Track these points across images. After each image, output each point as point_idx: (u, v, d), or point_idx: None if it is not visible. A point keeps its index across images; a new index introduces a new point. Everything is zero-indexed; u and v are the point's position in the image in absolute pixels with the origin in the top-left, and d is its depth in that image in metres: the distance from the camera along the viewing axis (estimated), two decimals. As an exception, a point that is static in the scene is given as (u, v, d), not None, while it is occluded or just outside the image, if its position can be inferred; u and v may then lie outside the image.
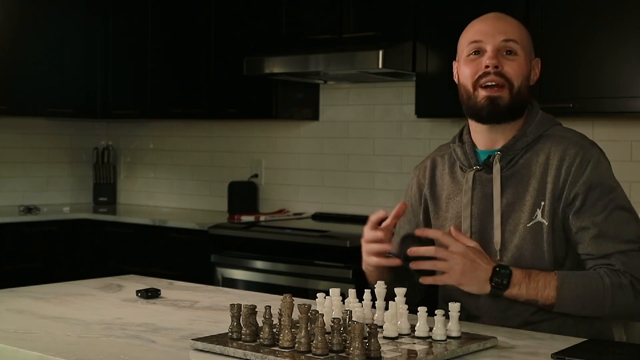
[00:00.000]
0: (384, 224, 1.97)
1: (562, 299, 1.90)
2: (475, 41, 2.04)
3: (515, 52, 2.03)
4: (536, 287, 1.90)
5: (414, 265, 1.88)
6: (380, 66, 3.91)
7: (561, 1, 3.59)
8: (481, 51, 2.03)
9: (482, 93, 2.02)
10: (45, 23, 5.12)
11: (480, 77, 2.02)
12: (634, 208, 2.00)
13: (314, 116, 4.82)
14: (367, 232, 2.00)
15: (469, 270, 1.87)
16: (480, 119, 2.06)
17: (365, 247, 2.01)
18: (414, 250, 1.88)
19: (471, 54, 2.05)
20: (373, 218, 1.99)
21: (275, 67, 4.34)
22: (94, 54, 5.36)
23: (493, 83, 2.01)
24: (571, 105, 3.54)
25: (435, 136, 4.33)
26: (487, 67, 2.01)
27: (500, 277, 1.88)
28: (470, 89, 2.04)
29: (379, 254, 1.98)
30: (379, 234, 1.97)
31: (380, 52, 3.90)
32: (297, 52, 4.29)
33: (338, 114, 4.76)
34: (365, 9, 4.19)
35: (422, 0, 3.99)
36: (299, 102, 4.75)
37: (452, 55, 2.18)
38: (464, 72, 2.06)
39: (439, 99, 3.92)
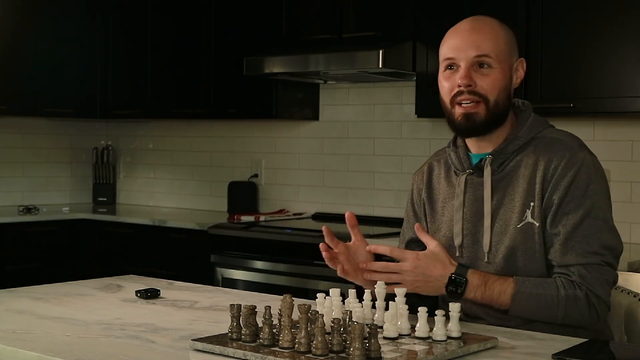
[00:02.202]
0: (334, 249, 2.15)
1: (515, 307, 1.94)
2: (448, 58, 2.05)
3: (489, 65, 2.02)
4: (491, 294, 1.95)
5: (367, 276, 1.96)
6: (380, 66, 3.91)
7: (561, 1, 3.58)
8: (455, 66, 2.04)
9: (458, 110, 2.04)
10: (45, 23, 5.12)
11: (456, 95, 2.03)
12: (611, 217, 1.99)
13: (314, 116, 4.82)
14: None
15: (420, 282, 1.95)
16: (459, 134, 2.10)
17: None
18: (369, 265, 1.97)
19: (447, 69, 2.06)
20: (321, 247, 2.17)
21: (275, 67, 4.34)
22: (94, 54, 5.36)
23: (468, 101, 2.02)
24: (571, 105, 3.53)
25: (435, 136, 4.33)
26: (459, 86, 2.02)
27: (455, 285, 1.95)
28: (448, 105, 2.06)
29: (344, 270, 2.09)
30: (326, 255, 2.16)
31: (380, 52, 3.90)
32: (297, 52, 4.29)
33: (338, 114, 4.76)
34: (365, 9, 4.19)
35: (422, 0, 3.99)
36: (299, 102, 4.75)
37: (452, 55, 2.18)
38: (442, 86, 2.08)
39: (439, 99, 3.91)
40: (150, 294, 2.28)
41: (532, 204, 1.99)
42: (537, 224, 1.98)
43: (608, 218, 1.98)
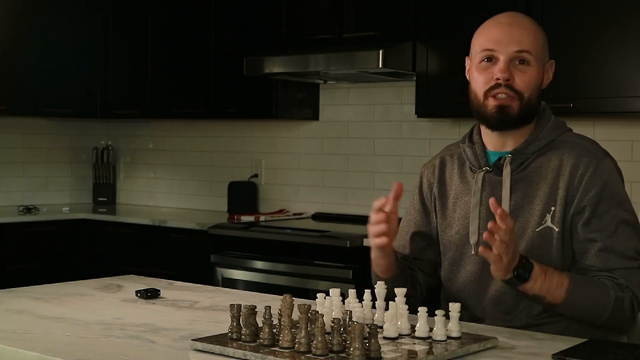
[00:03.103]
0: (386, 208, 1.95)
1: (568, 302, 1.92)
2: (487, 49, 2.02)
3: (528, 62, 2.01)
4: (550, 284, 1.90)
5: (487, 237, 1.79)
6: (380, 66, 3.91)
7: (561, 1, 3.58)
8: (493, 59, 2.01)
9: (492, 102, 2.01)
10: (45, 23, 5.12)
11: (492, 87, 2.01)
12: (638, 222, 2.01)
13: (314, 116, 4.82)
14: (372, 215, 1.97)
15: (510, 260, 1.84)
16: (489, 126, 2.06)
17: (371, 230, 1.98)
18: (497, 227, 1.78)
19: (483, 60, 2.03)
20: (376, 204, 1.96)
21: (275, 67, 4.34)
22: (94, 54, 5.36)
23: (504, 95, 2.00)
24: (571, 105, 3.53)
25: (435, 136, 4.33)
26: (498, 79, 2.00)
27: (524, 269, 1.87)
28: (481, 97, 2.03)
29: (384, 235, 1.95)
30: (382, 215, 1.95)
31: (380, 52, 3.90)
32: (297, 52, 4.29)
33: (338, 114, 4.76)
34: (365, 9, 4.19)
35: (422, 0, 3.99)
36: (299, 102, 4.75)
37: (452, 55, 2.19)
38: (475, 78, 2.05)
39: (439, 99, 3.92)
40: (150, 294, 2.28)
41: (552, 208, 1.98)
42: (557, 229, 1.97)
43: (637, 225, 2.00)
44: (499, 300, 2.01)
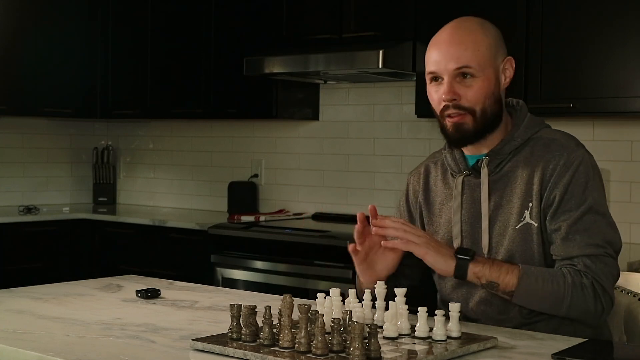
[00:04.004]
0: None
1: (522, 288, 1.92)
2: (430, 72, 2.05)
3: (472, 74, 2.00)
4: (499, 270, 1.93)
5: (377, 231, 1.97)
6: (380, 66, 3.91)
7: (561, 1, 3.58)
8: (439, 78, 2.04)
9: (448, 122, 2.05)
10: (45, 23, 5.12)
11: (443, 109, 2.04)
12: (609, 213, 2.00)
13: (314, 116, 4.82)
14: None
15: (433, 246, 1.94)
16: (452, 144, 2.10)
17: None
18: (383, 219, 1.97)
19: (432, 82, 2.06)
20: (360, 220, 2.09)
21: (275, 67, 4.34)
22: (94, 54, 5.36)
23: (455, 114, 2.02)
24: (571, 105, 3.53)
25: (435, 136, 4.31)
26: (444, 100, 2.02)
27: (464, 252, 1.95)
28: (439, 116, 2.07)
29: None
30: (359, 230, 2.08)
31: (380, 52, 3.90)
32: (297, 52, 4.29)
33: (338, 114, 4.76)
34: (365, 9, 4.19)
35: (422, 0, 3.99)
36: (299, 102, 4.75)
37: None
38: (431, 98, 2.08)
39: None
40: (151, 294, 2.28)
41: (530, 204, 1.99)
42: (536, 225, 1.98)
43: (607, 214, 1.99)
44: (489, 302, 2.02)
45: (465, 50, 2.00)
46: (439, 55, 2.03)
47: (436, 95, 2.05)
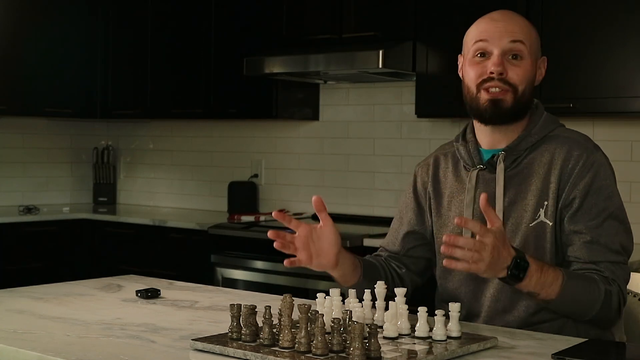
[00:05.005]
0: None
1: (562, 297, 1.89)
2: (481, 40, 2.01)
3: (521, 55, 2.00)
4: (545, 281, 1.85)
5: (446, 251, 1.74)
6: (380, 66, 3.91)
7: (561, 1, 3.58)
8: (487, 53, 2.01)
9: (485, 96, 2.01)
10: (45, 23, 5.12)
11: (485, 80, 2.00)
12: (627, 218, 2.00)
13: (314, 116, 4.82)
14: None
15: (493, 262, 1.76)
16: (482, 120, 2.05)
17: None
18: (453, 240, 1.73)
19: (476, 55, 2.03)
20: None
21: (275, 67, 4.34)
22: (94, 54, 5.36)
23: (497, 89, 2.00)
24: (571, 105, 3.54)
25: (435, 136, 4.33)
26: (491, 73, 1.99)
27: (518, 269, 1.81)
28: (474, 90, 2.03)
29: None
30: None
31: (380, 52, 3.90)
32: (297, 52, 4.29)
33: (338, 114, 4.76)
34: (365, 9, 4.19)
35: (422, 0, 3.99)
36: (299, 102, 4.75)
37: (452, 55, 2.18)
38: (468, 73, 2.04)
39: (439, 99, 3.92)
40: (151, 294, 2.28)
41: (545, 202, 1.98)
42: (550, 224, 1.97)
43: (626, 219, 2.00)
44: (497, 298, 2.01)
45: (521, 29, 2.02)
46: (494, 28, 2.01)
47: (477, 68, 2.01)
